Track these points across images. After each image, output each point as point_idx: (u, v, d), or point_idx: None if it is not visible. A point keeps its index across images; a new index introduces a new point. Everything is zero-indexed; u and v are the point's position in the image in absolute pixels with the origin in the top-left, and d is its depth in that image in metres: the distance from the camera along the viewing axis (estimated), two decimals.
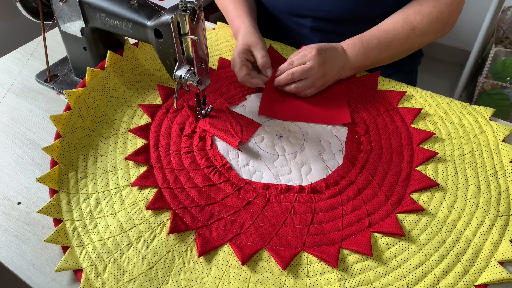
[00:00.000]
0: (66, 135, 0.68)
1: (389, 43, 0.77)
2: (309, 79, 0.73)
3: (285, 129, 0.72)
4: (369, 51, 0.76)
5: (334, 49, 0.75)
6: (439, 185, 0.63)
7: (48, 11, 0.78)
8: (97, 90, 0.75)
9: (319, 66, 0.72)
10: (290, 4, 0.87)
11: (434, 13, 0.76)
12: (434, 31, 0.78)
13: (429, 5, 0.77)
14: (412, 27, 0.76)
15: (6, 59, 0.89)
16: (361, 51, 0.76)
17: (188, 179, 0.64)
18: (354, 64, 0.77)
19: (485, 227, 0.58)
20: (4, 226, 0.60)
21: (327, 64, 0.73)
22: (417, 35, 0.77)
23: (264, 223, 0.59)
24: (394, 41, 0.77)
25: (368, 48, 0.76)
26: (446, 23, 0.78)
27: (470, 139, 0.69)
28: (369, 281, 0.53)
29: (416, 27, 0.76)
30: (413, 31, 0.77)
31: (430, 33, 0.78)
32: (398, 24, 0.77)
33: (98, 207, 0.60)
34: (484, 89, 1.74)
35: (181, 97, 0.77)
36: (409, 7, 0.78)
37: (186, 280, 0.53)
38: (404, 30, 0.77)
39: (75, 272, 0.54)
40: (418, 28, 0.76)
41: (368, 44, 0.76)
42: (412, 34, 0.77)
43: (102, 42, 0.78)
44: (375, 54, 0.77)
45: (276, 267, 0.54)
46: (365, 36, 0.77)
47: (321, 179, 0.64)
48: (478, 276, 0.53)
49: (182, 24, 0.59)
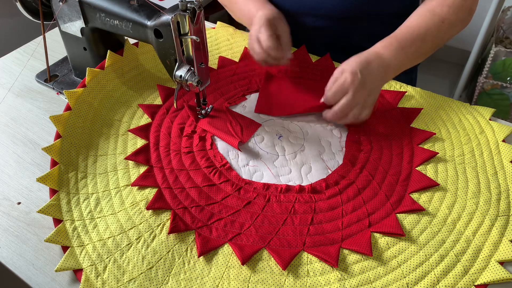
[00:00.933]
0: (66, 135, 0.68)
1: (422, 38, 0.72)
2: (358, 106, 0.67)
3: (285, 129, 0.72)
4: (406, 49, 0.71)
5: (368, 62, 0.68)
6: (439, 185, 0.63)
7: (48, 11, 0.78)
8: (97, 90, 0.75)
9: (361, 88, 0.66)
10: (292, 2, 0.87)
11: (458, 1, 0.73)
12: (462, 20, 0.75)
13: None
14: (441, 19, 0.73)
15: (6, 59, 0.89)
16: (399, 50, 0.71)
17: (188, 179, 0.64)
18: (395, 66, 0.71)
19: (485, 227, 0.58)
20: (4, 226, 0.60)
21: (369, 81, 0.67)
22: (447, 27, 0.73)
23: (264, 223, 0.59)
24: (427, 35, 0.72)
25: (406, 46, 0.71)
26: (470, 10, 0.75)
27: (470, 139, 0.69)
28: (369, 281, 0.53)
29: (446, 18, 0.73)
30: (443, 23, 0.73)
31: (458, 23, 0.75)
32: (427, 17, 0.73)
33: (98, 207, 0.60)
34: (484, 89, 1.74)
35: (181, 97, 0.77)
36: (430, 1, 0.76)
37: (186, 280, 0.53)
38: (434, 23, 0.73)
39: (75, 272, 0.54)
40: (447, 19, 0.73)
41: (404, 42, 0.71)
42: (442, 27, 0.73)
43: (102, 42, 0.78)
44: (413, 51, 0.72)
45: (276, 267, 0.54)
46: (398, 34, 0.72)
47: (321, 179, 0.64)
48: (478, 276, 0.53)
49: (182, 24, 0.59)
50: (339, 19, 0.86)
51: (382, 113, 0.74)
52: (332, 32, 0.89)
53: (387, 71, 0.70)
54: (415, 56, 0.73)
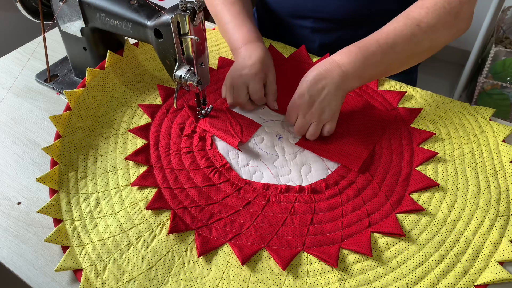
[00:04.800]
0: (66, 135, 0.68)
1: (392, 44, 0.66)
2: (314, 123, 0.68)
3: (285, 129, 0.72)
4: (369, 56, 0.66)
5: (321, 77, 0.66)
6: (439, 185, 0.63)
7: (48, 11, 0.78)
8: (97, 90, 0.75)
9: (309, 109, 0.66)
10: (293, 5, 0.87)
11: (440, 3, 0.67)
12: (445, 25, 0.67)
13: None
14: (416, 22, 0.67)
15: (6, 59, 0.89)
16: (358, 56, 0.66)
17: (188, 179, 0.64)
18: (354, 74, 0.66)
19: (485, 227, 0.58)
20: (4, 226, 0.60)
21: (318, 101, 0.66)
22: (425, 31, 0.67)
23: (264, 223, 0.59)
24: (398, 41, 0.67)
25: (368, 52, 0.66)
26: (456, 14, 0.67)
27: (470, 139, 0.69)
28: (368, 281, 0.53)
29: (422, 21, 0.67)
30: (418, 27, 0.66)
31: (440, 27, 0.67)
32: (400, 22, 0.68)
33: (98, 207, 0.60)
34: (484, 89, 1.74)
35: (181, 97, 0.77)
36: (411, 5, 0.70)
37: (185, 280, 0.53)
38: (407, 27, 0.67)
39: (75, 272, 0.54)
40: (423, 22, 0.66)
41: (366, 49, 0.66)
42: (418, 31, 0.66)
43: (102, 42, 0.78)
44: (378, 59, 0.67)
45: (275, 267, 0.54)
46: (362, 41, 0.68)
47: (321, 179, 0.64)
48: (478, 276, 0.53)
49: (182, 24, 0.59)
50: (340, 21, 0.86)
51: (382, 113, 0.74)
52: (332, 34, 0.89)
53: (346, 81, 0.66)
54: (385, 65, 0.68)
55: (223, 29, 0.81)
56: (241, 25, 0.78)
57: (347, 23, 0.86)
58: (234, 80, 0.73)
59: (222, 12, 0.81)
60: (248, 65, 0.72)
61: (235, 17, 0.79)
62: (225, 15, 0.80)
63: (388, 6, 0.83)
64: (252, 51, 0.73)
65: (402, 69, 0.71)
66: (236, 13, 0.79)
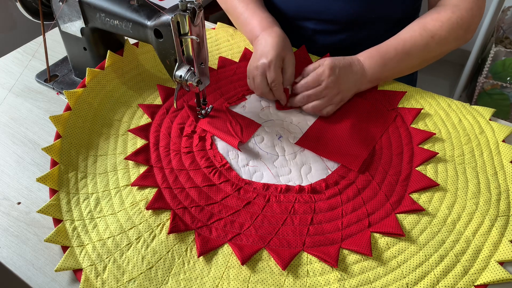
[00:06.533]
0: (66, 135, 0.68)
1: (407, 52, 0.73)
2: (326, 98, 0.71)
3: (285, 129, 0.72)
4: (387, 61, 0.73)
5: (349, 65, 0.72)
6: (439, 185, 0.63)
7: (48, 11, 0.78)
8: (97, 90, 0.75)
9: (334, 84, 0.70)
10: (298, 6, 0.87)
11: (454, 18, 0.73)
12: (456, 38, 0.74)
13: (447, 12, 0.74)
14: (431, 34, 0.73)
15: (6, 59, 0.89)
16: (379, 62, 0.73)
17: (188, 179, 0.64)
18: (372, 76, 0.74)
19: (485, 227, 0.58)
20: (4, 226, 0.60)
21: (343, 81, 0.71)
22: (437, 43, 0.74)
23: (264, 223, 0.59)
24: (413, 49, 0.73)
25: (386, 58, 0.73)
26: (467, 29, 0.75)
27: (470, 139, 0.69)
28: (368, 281, 0.53)
29: (436, 34, 0.73)
30: (433, 39, 0.73)
31: (451, 40, 0.74)
32: (416, 32, 0.74)
33: (98, 207, 0.60)
34: (484, 89, 1.74)
35: (181, 97, 0.77)
36: (427, 16, 0.76)
37: (185, 280, 0.53)
38: (422, 38, 0.73)
39: (74, 272, 0.54)
40: (437, 35, 0.73)
41: (385, 54, 0.73)
42: (432, 42, 0.73)
43: (102, 42, 0.78)
44: (394, 64, 0.74)
45: (275, 267, 0.54)
46: (382, 46, 0.74)
47: (321, 179, 0.64)
48: (478, 276, 0.53)
49: (182, 24, 0.59)
50: (343, 23, 0.86)
51: (382, 113, 0.74)
52: (333, 36, 0.89)
53: (362, 79, 0.74)
54: (397, 70, 0.76)
55: (237, 22, 0.84)
56: (254, 14, 0.80)
57: (349, 26, 0.86)
58: (252, 72, 0.74)
59: (234, 5, 0.83)
60: (264, 53, 0.72)
61: (247, 8, 0.81)
62: (237, 7, 0.82)
63: (389, 12, 0.83)
64: (267, 38, 0.74)
65: (409, 73, 0.78)
66: (248, 2, 0.82)
